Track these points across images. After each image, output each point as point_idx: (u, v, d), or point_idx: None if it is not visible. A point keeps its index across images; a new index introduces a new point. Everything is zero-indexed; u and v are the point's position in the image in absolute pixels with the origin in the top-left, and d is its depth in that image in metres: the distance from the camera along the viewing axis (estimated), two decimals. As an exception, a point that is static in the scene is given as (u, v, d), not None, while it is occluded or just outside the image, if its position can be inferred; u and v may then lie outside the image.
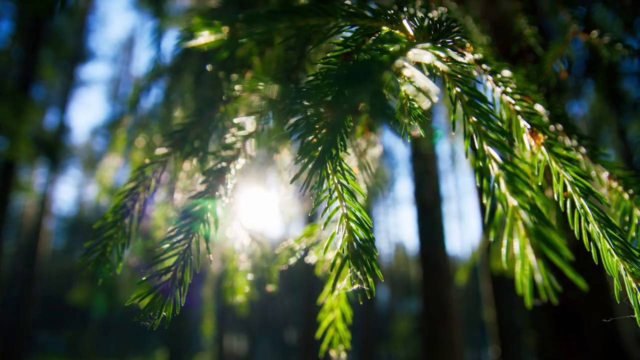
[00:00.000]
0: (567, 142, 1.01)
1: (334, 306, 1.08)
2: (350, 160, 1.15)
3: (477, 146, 0.59)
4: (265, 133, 0.93)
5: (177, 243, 0.76)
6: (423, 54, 0.55)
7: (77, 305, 21.47)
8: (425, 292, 7.46)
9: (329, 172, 0.65)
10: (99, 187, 2.71)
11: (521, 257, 0.48)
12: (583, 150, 1.00)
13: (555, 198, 0.77)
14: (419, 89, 0.57)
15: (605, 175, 0.99)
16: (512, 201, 0.51)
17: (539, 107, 1.01)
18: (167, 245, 0.76)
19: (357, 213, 0.66)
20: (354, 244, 0.65)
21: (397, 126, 0.71)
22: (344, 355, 1.09)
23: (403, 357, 25.04)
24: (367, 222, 0.66)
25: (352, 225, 0.66)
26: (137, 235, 0.91)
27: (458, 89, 0.65)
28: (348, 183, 0.66)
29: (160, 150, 0.97)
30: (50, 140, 16.47)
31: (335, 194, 0.66)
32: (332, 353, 1.09)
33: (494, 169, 0.56)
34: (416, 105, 0.70)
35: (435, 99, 0.53)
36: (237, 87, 1.02)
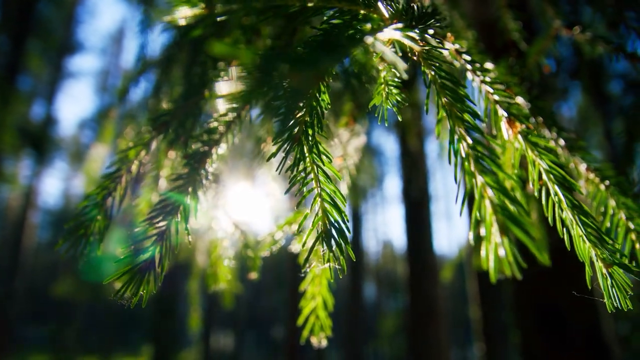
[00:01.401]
0: (547, 134, 1.02)
1: (316, 294, 1.09)
2: (334, 150, 1.16)
3: (449, 127, 0.60)
4: (249, 119, 0.93)
5: (156, 224, 0.76)
6: (394, 33, 0.56)
7: (61, 299, 21.29)
8: (412, 290, 7.50)
9: (305, 152, 0.66)
10: (87, 178, 2.70)
11: (487, 234, 0.49)
12: (562, 142, 1.02)
13: (531, 186, 0.78)
14: (389, 65, 0.58)
15: (583, 167, 1.01)
16: (480, 179, 0.53)
17: (520, 99, 1.03)
18: (146, 226, 0.76)
19: (332, 195, 0.67)
20: (327, 224, 0.66)
21: (376, 110, 0.72)
22: (325, 342, 1.10)
23: (389, 355, 25.16)
24: (342, 203, 0.67)
25: (327, 205, 0.67)
26: (119, 217, 0.91)
27: (432, 73, 0.66)
28: (324, 165, 0.67)
29: (144, 134, 0.97)
30: (36, 132, 16.29)
31: (311, 175, 0.67)
32: (314, 340, 1.10)
33: (465, 148, 0.57)
34: (394, 91, 0.71)
35: (405, 76, 0.54)
36: (222, 72, 1.02)
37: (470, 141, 0.57)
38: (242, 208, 1.44)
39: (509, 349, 7.78)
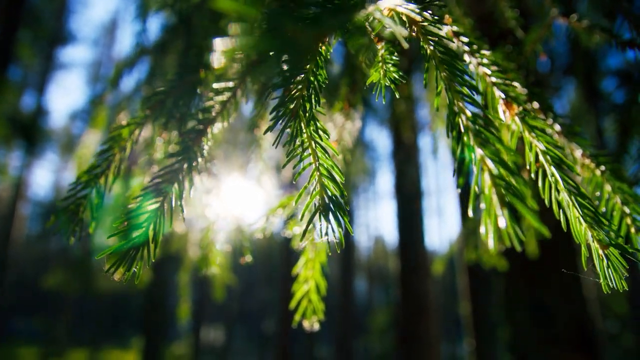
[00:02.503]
0: (549, 125, 1.02)
1: (309, 277, 1.08)
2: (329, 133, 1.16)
3: (448, 101, 0.60)
4: (245, 98, 0.92)
5: (150, 200, 0.75)
6: (394, 2, 0.55)
7: (51, 291, 21.17)
8: (403, 285, 7.52)
9: (302, 127, 0.65)
10: (78, 164, 2.67)
11: (487, 205, 0.49)
12: (558, 127, 1.02)
13: (528, 168, 0.78)
14: (387, 44, 0.57)
15: (579, 153, 1.01)
16: (480, 152, 0.52)
17: (517, 85, 1.03)
18: (140, 202, 0.75)
19: (330, 169, 0.67)
20: (325, 198, 0.65)
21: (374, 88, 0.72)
22: (317, 326, 1.10)
23: (379, 350, 25.26)
24: (340, 178, 0.67)
25: (325, 180, 0.66)
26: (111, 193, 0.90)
27: (431, 47, 0.66)
28: (322, 141, 0.66)
29: (138, 113, 0.96)
30: (26, 123, 16.13)
31: (309, 150, 0.67)
32: (305, 324, 1.09)
33: (464, 122, 0.57)
34: (392, 69, 0.71)
35: (405, 44, 0.53)
36: (218, 51, 1.01)
37: (469, 114, 0.57)
38: (234, 197, 1.43)
39: (499, 345, 7.83)
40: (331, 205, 0.64)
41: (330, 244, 0.68)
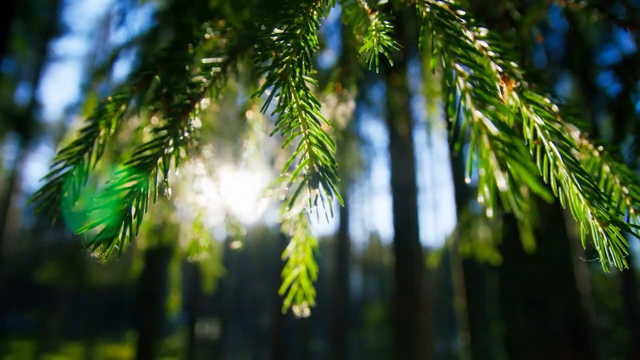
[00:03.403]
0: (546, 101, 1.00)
1: (299, 262, 1.05)
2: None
3: (444, 63, 0.57)
4: (234, 74, 0.89)
5: (133, 175, 0.72)
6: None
7: (45, 285, 21.08)
8: (398, 280, 7.53)
9: (292, 92, 0.62)
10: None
11: (485, 170, 0.46)
12: (555, 108, 0.99)
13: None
14: (380, 14, 0.54)
15: (576, 134, 0.98)
16: (478, 114, 0.50)
17: (514, 64, 1.00)
18: (123, 177, 0.72)
19: (320, 138, 0.64)
20: (315, 167, 0.62)
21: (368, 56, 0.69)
22: (307, 311, 1.07)
23: (374, 344, 25.32)
24: (331, 147, 0.64)
25: (314, 149, 0.63)
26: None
27: (427, 9, 0.63)
28: (312, 109, 0.64)
29: (125, 89, 0.93)
30: (21, 116, 16.02)
31: (299, 119, 0.64)
32: (296, 309, 1.07)
33: (461, 85, 0.54)
34: (385, 37, 0.68)
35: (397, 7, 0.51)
36: (207, 28, 0.98)
37: (466, 75, 0.54)
38: (226, 182, 1.40)
39: (493, 340, 7.85)
40: (321, 174, 0.61)
41: (319, 215, 0.65)
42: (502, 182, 0.44)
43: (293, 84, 0.62)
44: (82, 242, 0.69)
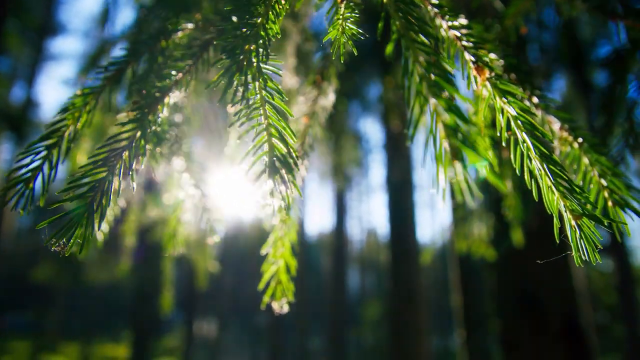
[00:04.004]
0: (523, 92, 0.98)
1: (277, 257, 1.04)
2: (300, 108, 1.11)
3: (403, 50, 0.56)
4: (207, 65, 0.88)
5: (97, 169, 0.71)
6: None
7: (42, 285, 21.04)
8: (394, 276, 7.52)
9: (249, 81, 0.61)
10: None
11: (438, 157, 0.45)
12: (535, 100, 0.98)
13: (498, 135, 0.74)
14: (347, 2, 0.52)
15: (556, 126, 0.97)
16: (434, 101, 0.48)
17: (492, 56, 0.98)
18: (86, 171, 0.70)
19: (282, 130, 0.62)
20: (274, 159, 0.61)
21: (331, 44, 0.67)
22: (286, 308, 1.05)
23: (372, 341, 25.35)
24: (292, 139, 0.62)
25: (274, 140, 0.62)
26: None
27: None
28: (273, 99, 0.62)
29: (94, 83, 0.91)
30: (16, 115, 15.94)
31: (259, 109, 0.62)
32: (275, 305, 1.05)
33: (419, 71, 0.53)
34: (351, 26, 0.66)
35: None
36: (180, 20, 0.96)
37: (423, 61, 0.52)
38: (207, 177, 1.38)
39: (489, 336, 7.85)
40: (279, 165, 0.60)
41: (282, 208, 0.64)
42: (454, 171, 0.42)
43: (250, 73, 0.60)
44: (43, 237, 0.67)
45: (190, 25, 0.97)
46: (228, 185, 1.50)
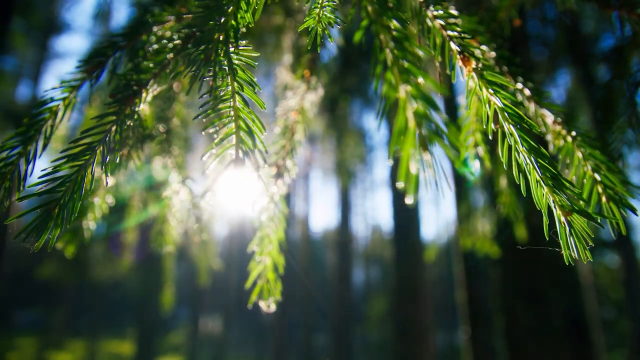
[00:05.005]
0: (512, 83, 0.95)
1: (265, 255, 1.02)
2: (289, 102, 1.09)
3: (374, 35, 0.53)
4: (186, 58, 0.85)
5: (69, 163, 0.68)
6: None
7: (48, 282, 21.14)
8: (398, 272, 7.51)
9: (217, 72, 0.58)
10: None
11: (404, 148, 0.42)
12: (528, 93, 0.95)
13: (485, 128, 0.71)
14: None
15: (550, 120, 0.94)
16: (404, 88, 0.46)
17: (484, 47, 0.95)
18: (58, 165, 0.68)
19: (250, 122, 0.60)
20: (240, 152, 0.59)
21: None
22: (274, 306, 1.03)
23: (377, 338, 25.33)
24: (260, 132, 0.60)
25: (242, 134, 0.59)
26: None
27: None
28: (243, 91, 0.60)
29: (74, 76, 0.89)
30: (21, 113, 15.99)
31: (228, 100, 0.60)
32: (262, 304, 1.03)
33: (389, 58, 0.50)
34: (327, 12, 0.64)
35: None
36: (163, 12, 0.94)
37: (393, 47, 0.50)
38: (195, 173, 1.36)
39: (494, 332, 7.82)
40: (246, 159, 0.57)
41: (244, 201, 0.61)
42: (416, 167, 0.40)
43: (218, 63, 0.58)
44: (11, 232, 0.65)
45: (171, 18, 0.94)
46: (221, 182, 1.48)
